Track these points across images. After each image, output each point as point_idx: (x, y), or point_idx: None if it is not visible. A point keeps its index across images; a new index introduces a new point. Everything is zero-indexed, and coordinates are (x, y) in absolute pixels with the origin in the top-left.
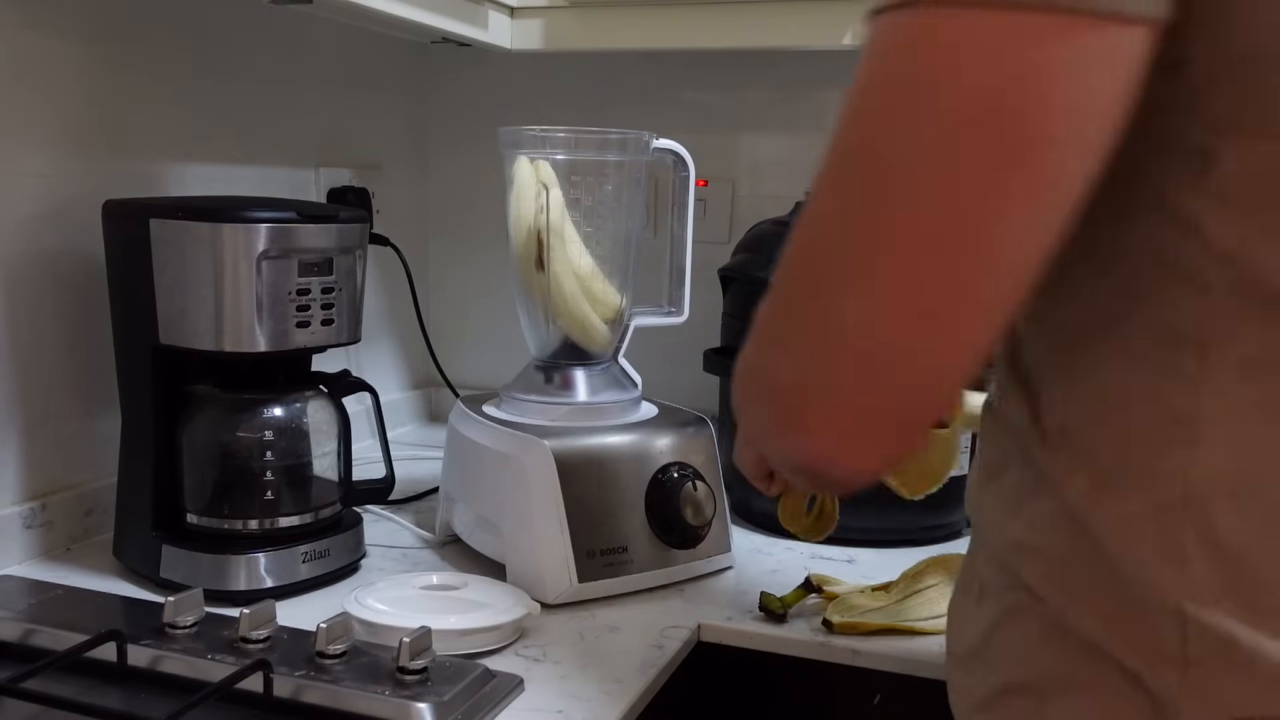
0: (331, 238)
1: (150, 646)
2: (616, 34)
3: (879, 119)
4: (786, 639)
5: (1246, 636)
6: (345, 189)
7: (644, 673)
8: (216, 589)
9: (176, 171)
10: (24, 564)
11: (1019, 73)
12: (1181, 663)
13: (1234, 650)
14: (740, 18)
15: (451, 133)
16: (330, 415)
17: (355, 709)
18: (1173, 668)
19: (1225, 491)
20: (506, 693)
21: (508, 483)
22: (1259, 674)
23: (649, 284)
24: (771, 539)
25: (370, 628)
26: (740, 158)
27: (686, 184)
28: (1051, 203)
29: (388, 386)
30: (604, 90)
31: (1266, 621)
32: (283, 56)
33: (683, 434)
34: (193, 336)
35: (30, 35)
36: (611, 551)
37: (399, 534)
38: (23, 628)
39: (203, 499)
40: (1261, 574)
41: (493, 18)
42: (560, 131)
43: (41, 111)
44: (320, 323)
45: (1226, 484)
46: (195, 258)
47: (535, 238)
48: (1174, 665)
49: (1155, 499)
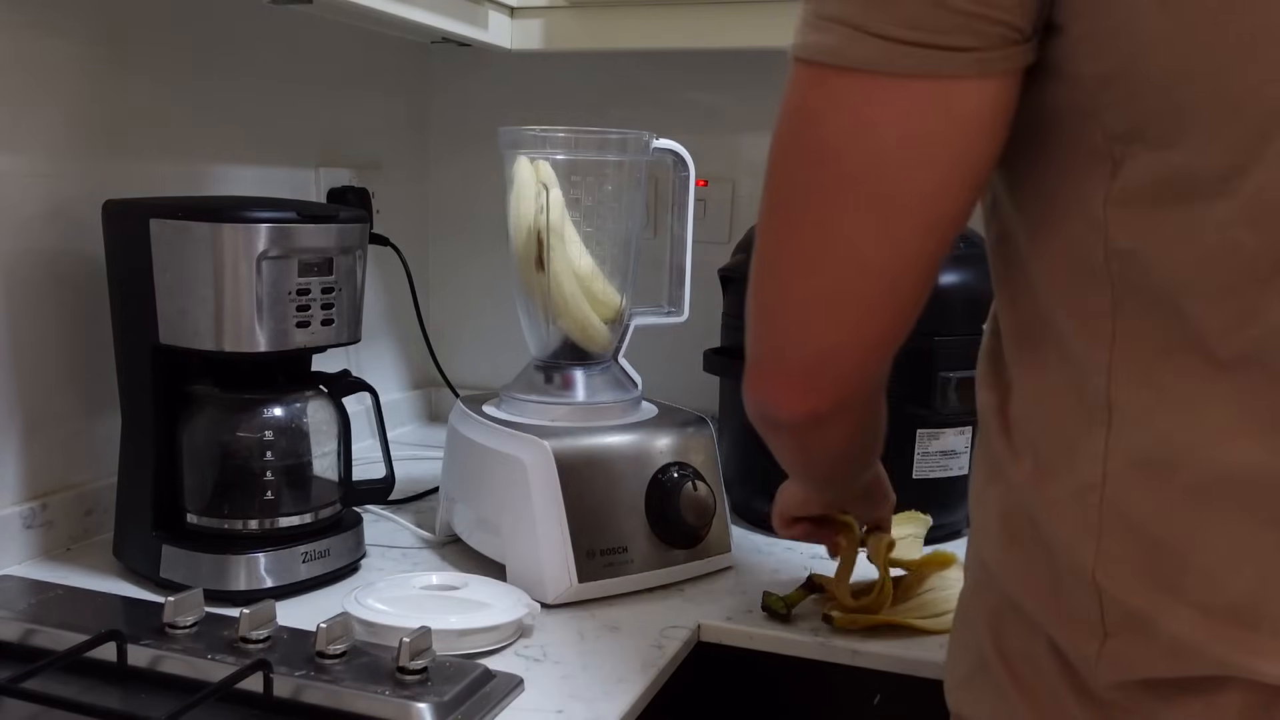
0: (331, 238)
1: (150, 646)
2: (616, 34)
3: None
4: (786, 639)
5: (1152, 607)
6: (345, 189)
7: (644, 673)
8: (216, 589)
9: (176, 171)
10: (24, 564)
11: (854, 125)
12: (1101, 633)
13: (1142, 620)
14: (740, 18)
15: (451, 133)
16: (330, 415)
17: (355, 709)
18: (1093, 638)
19: (1138, 471)
20: (506, 693)
21: (508, 483)
22: (1163, 641)
23: (649, 284)
24: (771, 539)
25: (370, 628)
26: (740, 158)
27: (686, 184)
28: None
29: (388, 386)
30: (604, 90)
31: (1170, 593)
32: (283, 56)
33: (683, 434)
34: (193, 336)
35: (30, 35)
36: (611, 551)
37: (399, 534)
38: (23, 628)
39: (203, 499)
40: (1167, 549)
41: (493, 18)
42: (560, 131)
43: (41, 111)
44: (320, 323)
45: (1139, 464)
46: (195, 258)
47: (535, 238)
48: (1094, 636)
49: (1079, 480)
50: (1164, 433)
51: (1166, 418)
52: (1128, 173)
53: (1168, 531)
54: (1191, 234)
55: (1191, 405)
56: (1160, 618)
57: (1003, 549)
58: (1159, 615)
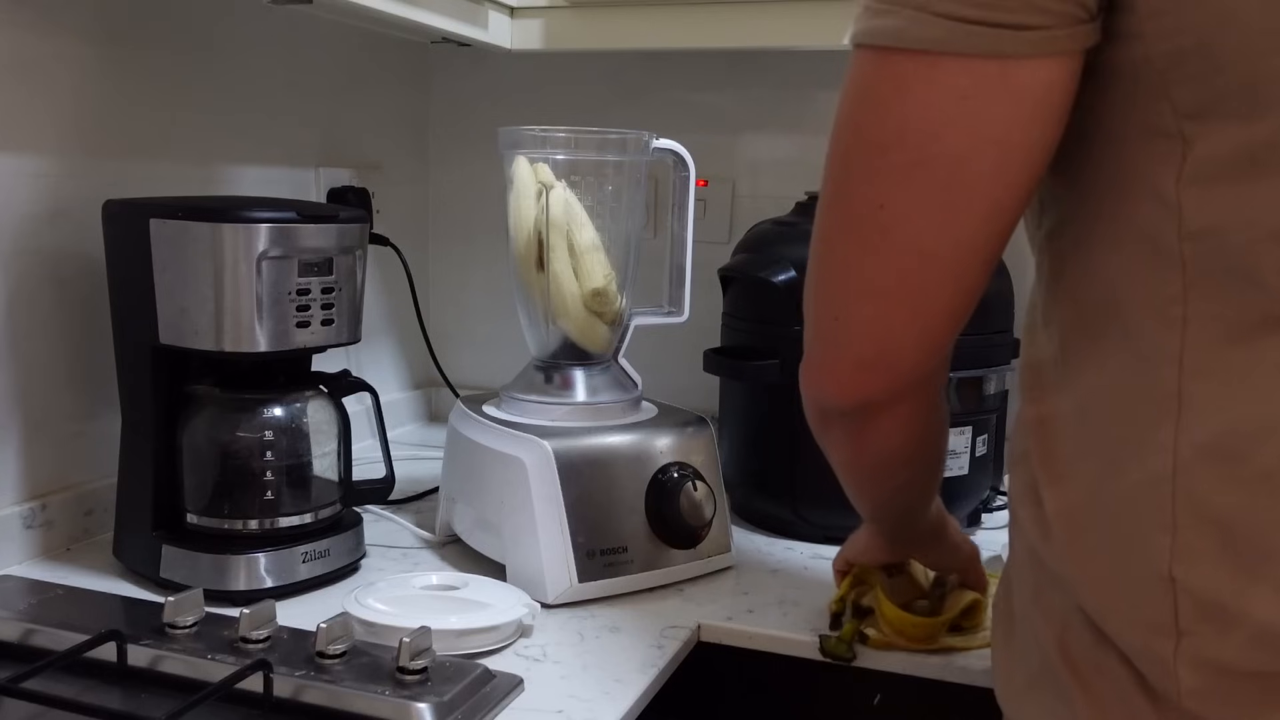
0: (331, 238)
1: (150, 646)
2: (616, 34)
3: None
4: (786, 639)
5: (1233, 597)
6: (345, 189)
7: (644, 673)
8: (216, 589)
9: (176, 171)
10: (24, 564)
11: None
12: (1174, 633)
13: (1222, 612)
14: (740, 18)
15: (451, 133)
16: (330, 415)
17: (355, 709)
18: (1168, 639)
19: (1211, 460)
20: (506, 693)
21: (508, 483)
22: (1248, 630)
23: (649, 284)
24: (771, 539)
25: (370, 628)
26: (740, 158)
27: (686, 184)
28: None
29: (388, 386)
30: (604, 90)
31: (1252, 582)
32: (283, 57)
33: (683, 434)
34: (193, 336)
35: (30, 35)
36: (611, 551)
37: (399, 534)
38: (23, 628)
39: (203, 499)
40: (1246, 537)
41: (493, 18)
42: (560, 131)
43: (41, 111)
44: (320, 323)
45: (1211, 452)
46: (195, 258)
47: (535, 238)
48: (1168, 636)
49: (1149, 473)
50: (1235, 418)
51: (1238, 403)
52: (1202, 150)
53: (1246, 518)
54: (1275, 206)
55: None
56: (1245, 605)
57: (1067, 552)
58: (1243, 603)
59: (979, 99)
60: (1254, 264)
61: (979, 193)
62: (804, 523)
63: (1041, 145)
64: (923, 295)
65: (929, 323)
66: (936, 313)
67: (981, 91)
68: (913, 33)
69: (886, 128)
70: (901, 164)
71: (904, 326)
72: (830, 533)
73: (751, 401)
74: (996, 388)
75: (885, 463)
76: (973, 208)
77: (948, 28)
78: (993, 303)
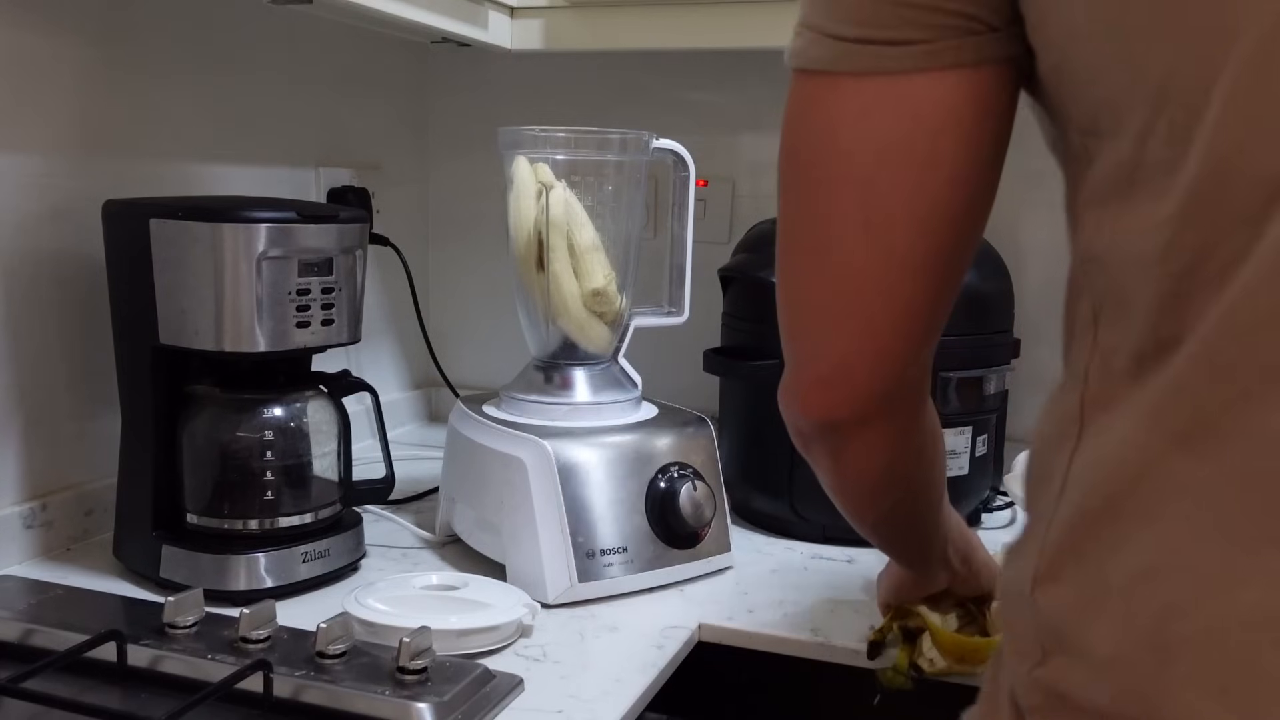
0: (331, 238)
1: (150, 646)
2: (616, 34)
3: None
4: (786, 639)
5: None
6: (345, 189)
7: (644, 673)
8: (216, 589)
9: (176, 171)
10: (24, 564)
11: (824, 127)
12: (1039, 653)
13: (1062, 640)
14: (740, 18)
15: (451, 133)
16: (330, 415)
17: (355, 709)
18: (1029, 659)
19: (1077, 488)
20: (506, 693)
21: (508, 483)
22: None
23: (649, 284)
24: (771, 539)
25: (370, 628)
26: (740, 158)
27: (686, 184)
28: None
29: (388, 386)
30: (604, 90)
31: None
32: (283, 56)
33: (683, 434)
34: (193, 336)
35: (30, 35)
36: (611, 551)
37: (399, 534)
38: (23, 628)
39: (203, 499)
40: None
41: (493, 18)
42: (560, 131)
43: (41, 111)
44: (320, 323)
45: (1077, 482)
46: (195, 258)
47: (535, 238)
48: (1031, 657)
49: (1050, 493)
50: (1100, 454)
51: (1106, 440)
52: (1098, 168)
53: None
54: (1141, 231)
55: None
56: (1085, 638)
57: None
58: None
59: (877, 116)
60: (1128, 294)
61: (898, 208)
62: (803, 522)
63: (966, 159)
64: (866, 313)
65: (881, 342)
66: (883, 330)
67: (879, 108)
68: (811, 53)
69: (808, 145)
70: (822, 180)
71: (855, 344)
72: (830, 532)
73: (751, 401)
74: (996, 388)
75: (869, 486)
76: (894, 224)
77: (838, 48)
78: (993, 303)
